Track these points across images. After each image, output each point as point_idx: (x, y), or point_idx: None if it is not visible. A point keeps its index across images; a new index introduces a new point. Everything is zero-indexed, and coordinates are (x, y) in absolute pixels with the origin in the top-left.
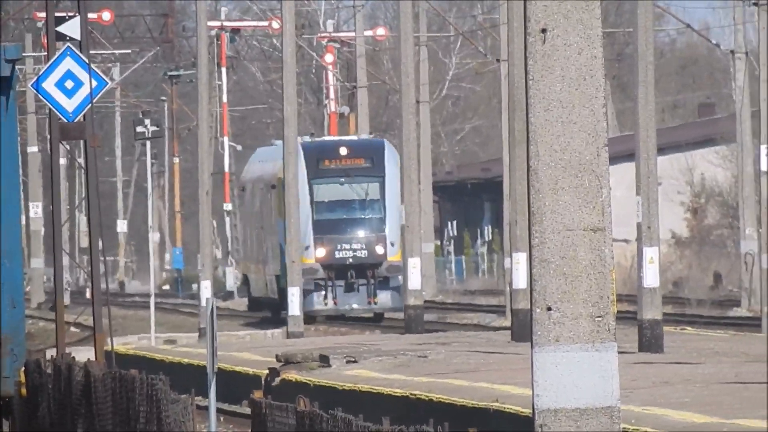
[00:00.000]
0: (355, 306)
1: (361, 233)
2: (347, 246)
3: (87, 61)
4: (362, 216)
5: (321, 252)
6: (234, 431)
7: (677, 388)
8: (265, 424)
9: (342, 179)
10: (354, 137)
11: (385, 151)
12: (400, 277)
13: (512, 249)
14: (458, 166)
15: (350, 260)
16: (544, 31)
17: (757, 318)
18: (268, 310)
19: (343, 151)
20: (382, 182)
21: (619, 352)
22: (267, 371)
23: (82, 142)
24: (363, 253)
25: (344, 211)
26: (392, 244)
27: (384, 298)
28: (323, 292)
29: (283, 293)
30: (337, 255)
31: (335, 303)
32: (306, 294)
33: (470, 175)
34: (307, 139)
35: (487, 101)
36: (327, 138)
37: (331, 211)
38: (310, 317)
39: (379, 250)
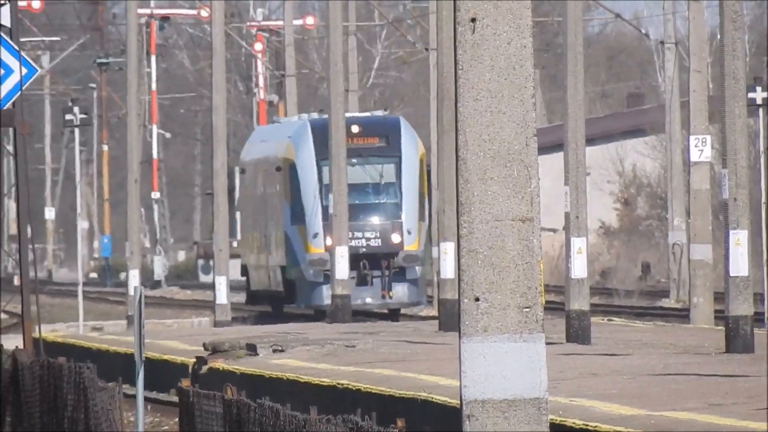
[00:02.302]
0: (368, 300)
1: (375, 220)
2: (360, 234)
3: (17, 48)
4: (376, 201)
5: (331, 240)
6: (161, 419)
7: (605, 380)
8: (193, 412)
9: (354, 160)
10: (367, 114)
11: (401, 129)
12: (418, 269)
13: (440, 239)
14: None
15: (363, 249)
16: (473, 20)
17: (686, 309)
18: (269, 305)
19: (355, 129)
20: (398, 163)
21: (547, 343)
22: (194, 360)
23: (11, 129)
24: (377, 242)
25: (356, 195)
26: (409, 232)
27: (400, 291)
28: None
29: (290, 286)
30: (349, 244)
31: None
32: (314, 287)
33: None
34: (315, 115)
35: (415, 90)
36: None
37: None
38: (320, 313)
39: (395, 238)
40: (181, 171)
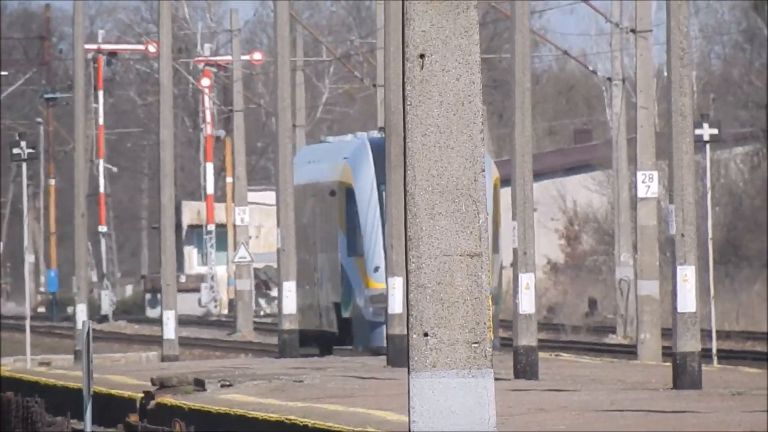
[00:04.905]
0: None
1: None
2: None
3: None
4: None
5: None
6: None
7: (553, 415)
8: None
9: None
10: None
11: None
12: (492, 307)
13: (388, 274)
14: None
15: None
16: (422, 56)
17: (633, 345)
18: (316, 346)
19: None
20: None
21: (495, 379)
22: (142, 394)
23: None
24: None
25: None
26: None
27: None
28: None
29: (345, 325)
30: None
31: None
32: (374, 327)
33: None
34: (374, 133)
35: (362, 125)
36: None
37: None
38: (378, 354)
39: None
40: (128, 205)
